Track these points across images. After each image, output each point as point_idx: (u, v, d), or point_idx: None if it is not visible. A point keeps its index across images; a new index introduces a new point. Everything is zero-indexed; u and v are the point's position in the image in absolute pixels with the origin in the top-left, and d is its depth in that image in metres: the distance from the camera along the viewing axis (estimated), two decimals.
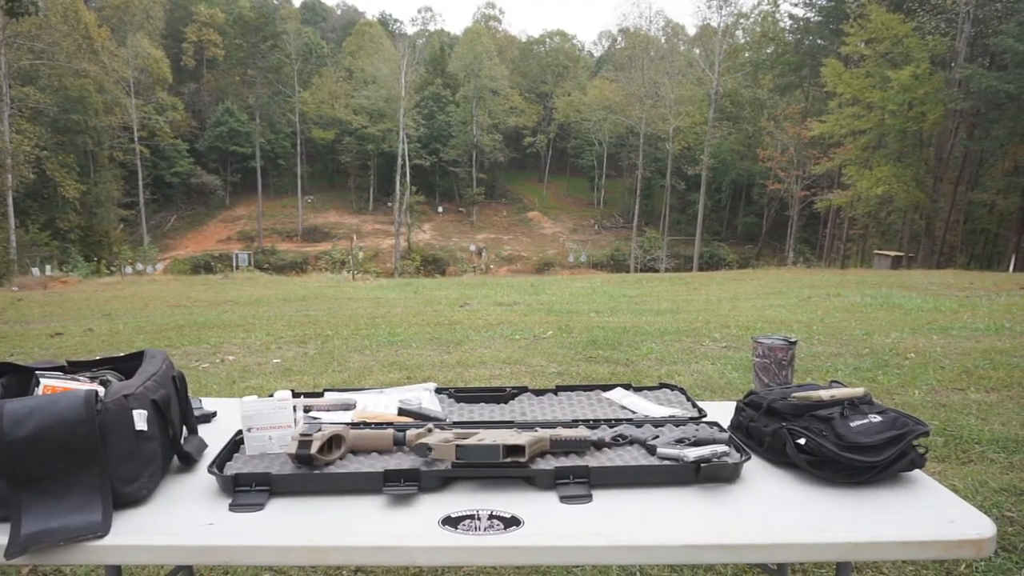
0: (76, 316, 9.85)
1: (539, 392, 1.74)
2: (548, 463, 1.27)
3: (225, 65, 48.00)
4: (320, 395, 1.68)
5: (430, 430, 1.35)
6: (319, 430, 1.27)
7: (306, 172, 47.04)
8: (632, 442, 1.37)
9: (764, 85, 38.50)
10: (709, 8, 53.31)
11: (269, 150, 46.06)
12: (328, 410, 1.58)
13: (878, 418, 1.28)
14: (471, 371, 5.26)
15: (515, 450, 1.23)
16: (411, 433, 1.34)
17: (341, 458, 1.30)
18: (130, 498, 1.14)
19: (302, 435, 1.24)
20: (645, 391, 1.76)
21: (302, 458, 1.23)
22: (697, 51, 43.34)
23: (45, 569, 2.27)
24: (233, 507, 1.14)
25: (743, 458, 1.27)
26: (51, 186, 31.29)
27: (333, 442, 1.30)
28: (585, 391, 1.76)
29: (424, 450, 1.24)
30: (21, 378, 1.30)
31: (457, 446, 1.22)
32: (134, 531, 1.07)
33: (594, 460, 1.29)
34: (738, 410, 1.50)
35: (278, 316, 9.11)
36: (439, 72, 50.79)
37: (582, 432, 1.36)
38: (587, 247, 41.81)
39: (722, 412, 1.58)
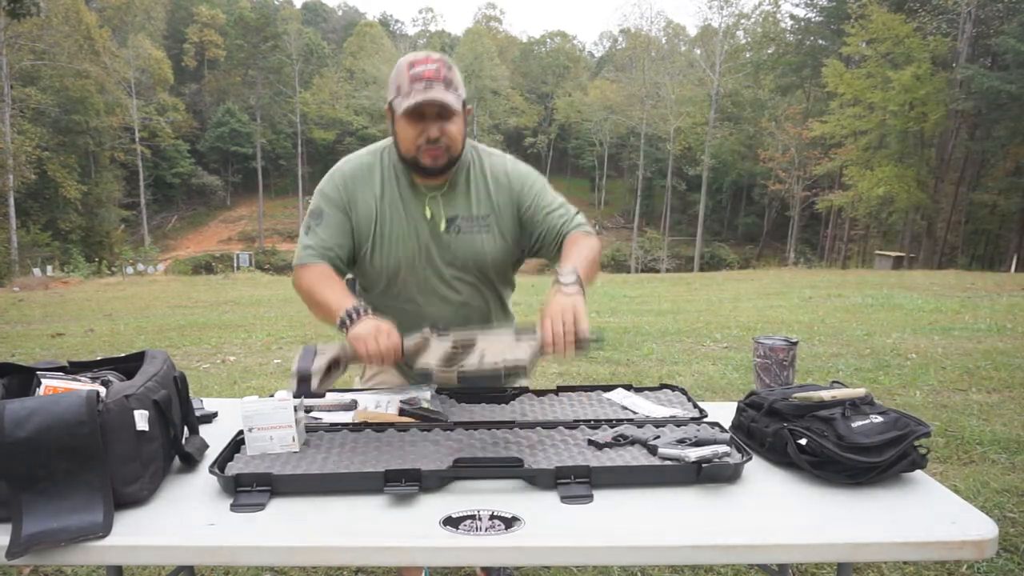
0: (77, 316, 9.86)
1: (540, 392, 1.74)
2: (549, 462, 1.27)
3: (226, 66, 48.00)
4: (321, 395, 1.68)
5: (426, 338, 1.39)
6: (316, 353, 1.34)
7: (307, 173, 46.95)
8: (633, 442, 1.37)
9: (765, 85, 38.47)
10: (710, 8, 53.52)
11: (270, 150, 46.04)
12: (329, 410, 1.58)
13: (879, 419, 1.28)
14: None
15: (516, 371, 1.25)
16: (409, 344, 1.37)
17: (342, 374, 1.34)
18: (131, 498, 1.13)
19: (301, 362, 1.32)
20: (646, 391, 1.76)
21: (303, 376, 1.28)
22: (698, 51, 43.31)
23: (46, 569, 2.27)
24: (234, 507, 1.14)
25: (744, 458, 1.27)
26: (52, 187, 31.29)
27: (332, 366, 1.35)
28: (586, 391, 1.76)
29: (427, 376, 1.28)
30: (22, 378, 1.30)
31: (459, 374, 1.25)
32: (135, 531, 1.07)
33: (595, 460, 1.29)
34: (739, 410, 1.50)
35: (279, 316, 9.11)
36: None
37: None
38: None
39: (723, 413, 1.58)
